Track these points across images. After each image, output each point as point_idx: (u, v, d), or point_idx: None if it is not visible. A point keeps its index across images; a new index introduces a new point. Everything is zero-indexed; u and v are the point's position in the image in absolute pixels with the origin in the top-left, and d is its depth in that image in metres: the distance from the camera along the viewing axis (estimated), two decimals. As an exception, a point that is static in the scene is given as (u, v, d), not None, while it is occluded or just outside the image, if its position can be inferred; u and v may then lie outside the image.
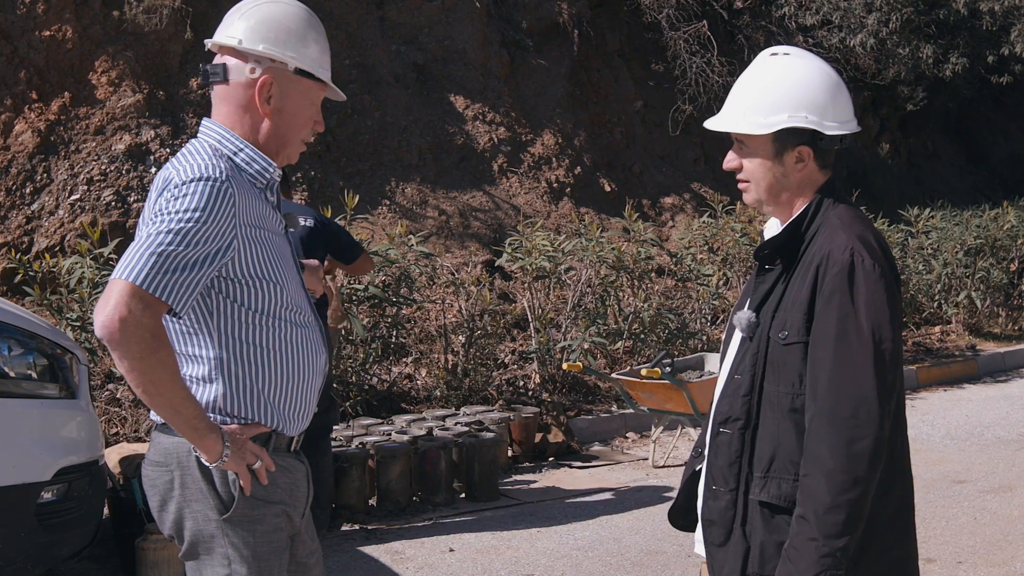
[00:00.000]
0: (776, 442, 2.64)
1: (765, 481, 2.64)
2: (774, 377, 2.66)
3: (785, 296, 2.68)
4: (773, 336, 2.67)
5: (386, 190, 11.76)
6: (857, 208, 2.78)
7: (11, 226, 9.29)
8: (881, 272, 2.59)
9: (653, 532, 6.52)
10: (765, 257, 2.77)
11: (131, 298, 2.49)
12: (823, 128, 2.68)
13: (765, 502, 2.64)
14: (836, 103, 2.71)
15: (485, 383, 9.21)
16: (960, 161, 22.28)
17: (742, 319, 2.75)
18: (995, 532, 6.49)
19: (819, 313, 2.58)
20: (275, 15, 2.82)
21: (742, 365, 2.73)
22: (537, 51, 14.40)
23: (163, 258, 2.52)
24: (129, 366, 2.52)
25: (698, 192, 14.90)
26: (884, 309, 2.56)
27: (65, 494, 4.91)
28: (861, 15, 16.22)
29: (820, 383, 2.55)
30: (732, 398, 2.73)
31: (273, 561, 2.78)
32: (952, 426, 9.53)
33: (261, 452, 2.73)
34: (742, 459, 2.69)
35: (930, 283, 13.60)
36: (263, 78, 2.79)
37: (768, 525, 2.64)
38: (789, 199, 2.77)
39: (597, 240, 10.22)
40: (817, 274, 2.61)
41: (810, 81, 2.71)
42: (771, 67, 2.76)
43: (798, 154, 2.71)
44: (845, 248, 2.59)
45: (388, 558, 6.15)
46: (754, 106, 2.73)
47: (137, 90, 10.36)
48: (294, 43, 2.82)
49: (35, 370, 5.02)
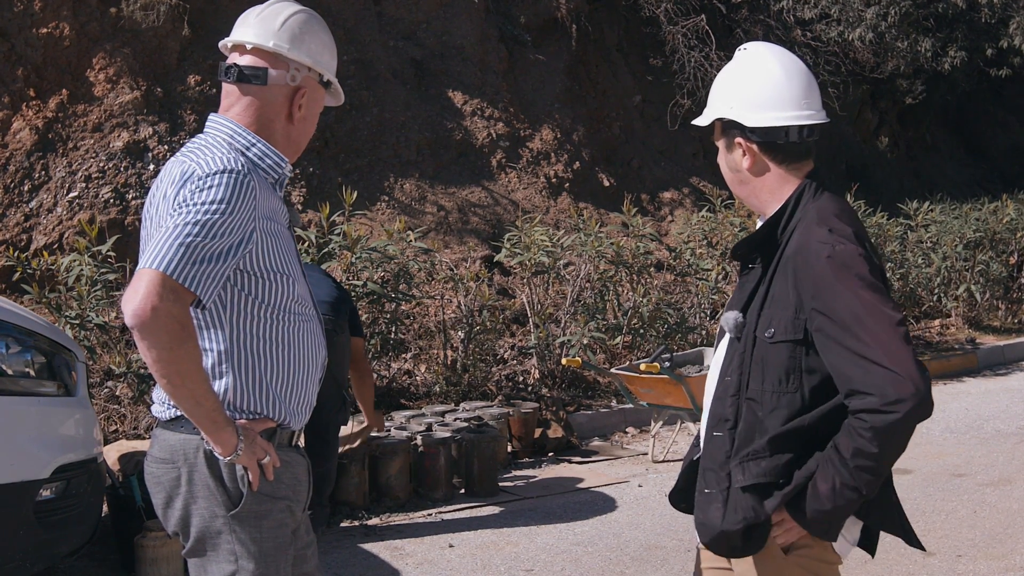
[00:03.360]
0: (754, 433, 2.65)
1: (743, 467, 2.65)
2: (759, 375, 2.66)
3: (769, 295, 2.69)
4: (759, 335, 2.67)
5: (384, 186, 11.76)
6: (839, 198, 2.77)
7: (9, 224, 9.28)
8: (865, 256, 2.58)
9: (652, 527, 6.52)
10: (742, 256, 2.80)
11: (162, 287, 2.49)
12: (743, 120, 2.73)
13: (750, 485, 2.65)
14: (775, 95, 2.73)
15: (484, 379, 9.21)
16: (959, 154, 22.29)
17: (728, 320, 2.76)
18: (995, 525, 6.49)
19: (818, 308, 2.56)
20: (314, 27, 2.90)
21: (731, 366, 2.74)
22: (535, 46, 14.40)
23: (190, 249, 2.54)
24: (157, 356, 2.52)
25: (697, 186, 14.89)
26: (874, 281, 2.55)
27: (64, 492, 4.91)
28: (860, 9, 16.21)
29: (855, 373, 2.50)
30: (722, 400, 2.74)
31: (279, 556, 2.79)
32: (952, 419, 9.53)
33: (269, 448, 2.74)
34: (731, 459, 2.70)
35: (929, 276, 13.60)
36: (301, 89, 2.86)
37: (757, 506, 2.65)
38: (754, 193, 2.81)
39: (596, 235, 10.21)
40: (797, 271, 2.60)
41: (749, 74, 2.77)
42: (731, 62, 2.85)
43: (737, 146, 2.78)
44: (821, 240, 2.59)
45: (388, 554, 6.15)
46: (709, 101, 2.86)
47: (135, 87, 10.35)
48: (327, 55, 2.92)
49: (33, 368, 5.01)
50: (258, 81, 2.83)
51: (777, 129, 2.72)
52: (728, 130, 2.79)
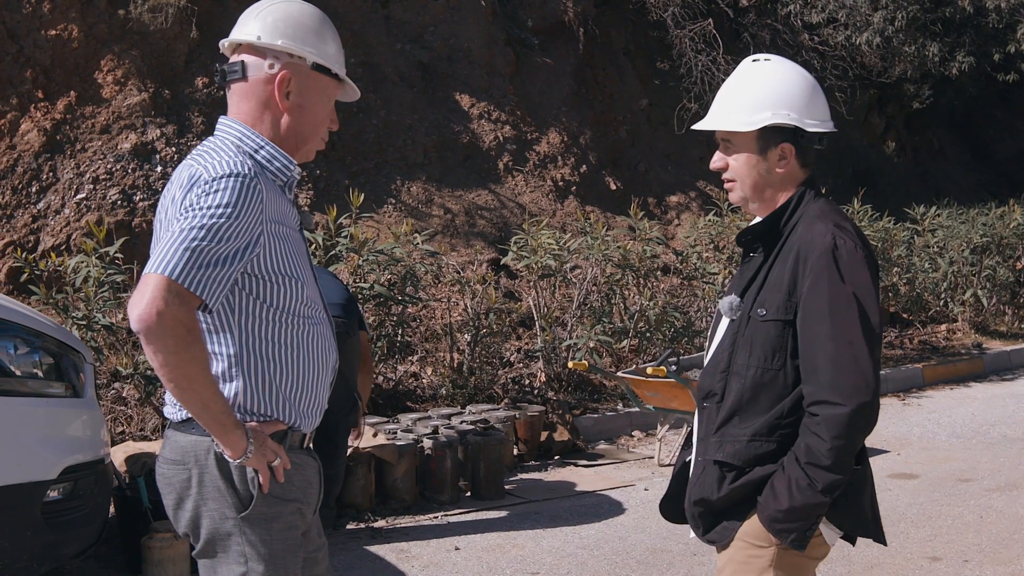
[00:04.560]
0: (735, 409, 2.86)
1: (721, 443, 2.88)
2: (745, 351, 2.86)
3: (767, 280, 2.87)
4: (752, 314, 2.86)
5: (391, 189, 11.77)
6: (835, 203, 3.00)
7: (17, 225, 9.30)
8: (863, 254, 2.79)
9: (658, 530, 6.51)
10: (746, 243, 2.99)
11: (167, 292, 2.49)
12: (804, 125, 2.89)
13: (720, 461, 2.87)
14: (813, 103, 2.94)
15: (491, 381, 9.21)
16: (966, 159, 22.25)
17: (724, 302, 2.96)
18: (1001, 530, 6.48)
19: (808, 293, 2.77)
20: (292, 12, 2.86)
21: (723, 344, 2.95)
22: (542, 49, 14.40)
23: (196, 253, 2.54)
24: (163, 360, 2.52)
25: (703, 190, 14.89)
26: (869, 286, 2.76)
27: (71, 493, 4.91)
28: (867, 13, 16.20)
29: (819, 357, 2.73)
30: (712, 375, 2.95)
31: (288, 559, 2.79)
32: (958, 424, 9.52)
33: (279, 450, 2.74)
34: (711, 434, 2.94)
35: (936, 281, 13.58)
36: (282, 73, 2.82)
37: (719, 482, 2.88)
38: (772, 196, 2.97)
39: (603, 238, 10.21)
40: (798, 258, 2.80)
41: (791, 83, 2.93)
42: (754, 71, 2.98)
43: (781, 151, 2.92)
44: (826, 233, 2.79)
45: (394, 556, 6.15)
46: (740, 106, 2.94)
47: (143, 89, 10.37)
48: (312, 39, 2.86)
49: (41, 369, 5.02)
50: (237, 76, 2.84)
51: (820, 135, 2.93)
52: (770, 134, 2.90)
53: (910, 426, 9.50)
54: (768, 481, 2.80)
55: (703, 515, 2.96)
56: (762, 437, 2.81)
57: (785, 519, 2.75)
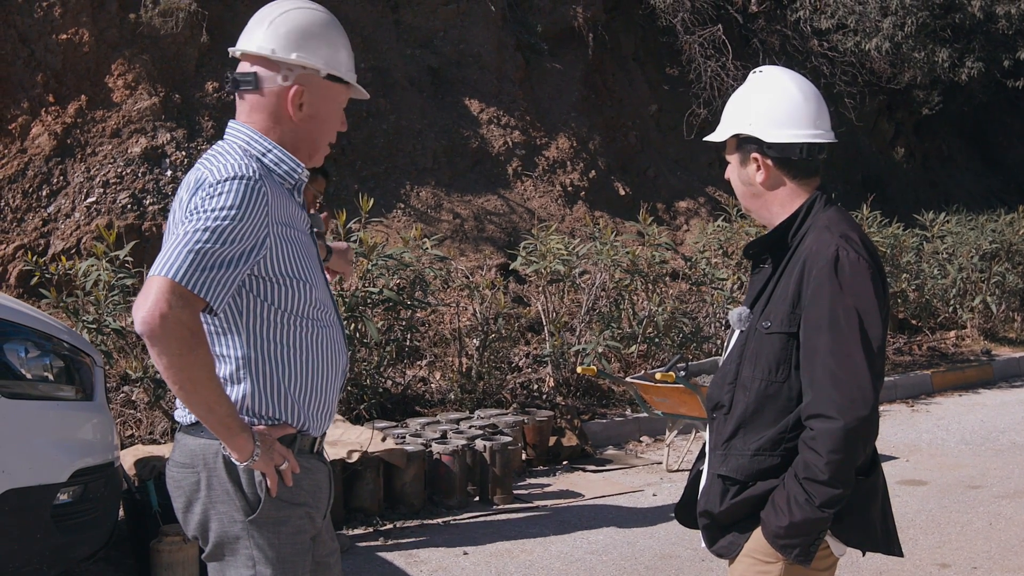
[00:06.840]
0: (741, 421, 2.86)
1: (726, 456, 2.88)
2: (751, 363, 2.86)
3: (775, 292, 2.88)
4: (758, 326, 2.87)
5: (401, 193, 11.78)
6: (845, 212, 2.98)
7: (27, 228, 9.33)
8: (867, 265, 2.77)
9: (667, 536, 6.51)
10: (754, 254, 3.01)
11: (171, 294, 2.50)
12: (764, 136, 2.90)
13: (723, 475, 2.88)
14: (792, 114, 2.91)
15: (499, 386, 9.21)
16: (975, 165, 22.22)
17: (734, 314, 2.97)
18: (1010, 537, 6.47)
19: (809, 304, 2.76)
20: (304, 23, 2.84)
21: (731, 355, 2.96)
22: (552, 55, 14.42)
23: (200, 255, 2.54)
24: (168, 363, 2.52)
25: (712, 196, 14.89)
26: (871, 299, 2.74)
27: (81, 496, 4.92)
28: (876, 19, 16.19)
29: (816, 370, 2.72)
30: (720, 386, 2.96)
31: (297, 563, 2.79)
32: (967, 431, 9.50)
33: (288, 453, 2.74)
34: (718, 447, 2.95)
35: (945, 288, 13.57)
36: (296, 88, 2.82)
37: (722, 496, 2.89)
38: (765, 204, 2.99)
39: (611, 244, 10.20)
40: (804, 269, 2.80)
41: (767, 93, 2.96)
42: (747, 83, 3.05)
43: (753, 160, 2.95)
44: (830, 244, 2.78)
45: (402, 561, 6.15)
46: (724, 117, 3.05)
47: (153, 93, 10.40)
48: (324, 49, 2.85)
49: (51, 372, 5.03)
50: (250, 86, 2.83)
51: (793, 146, 2.90)
52: (744, 145, 2.97)
53: (919, 433, 9.49)
54: (770, 496, 2.80)
55: (708, 527, 2.97)
56: (766, 451, 2.81)
57: (787, 535, 2.74)
